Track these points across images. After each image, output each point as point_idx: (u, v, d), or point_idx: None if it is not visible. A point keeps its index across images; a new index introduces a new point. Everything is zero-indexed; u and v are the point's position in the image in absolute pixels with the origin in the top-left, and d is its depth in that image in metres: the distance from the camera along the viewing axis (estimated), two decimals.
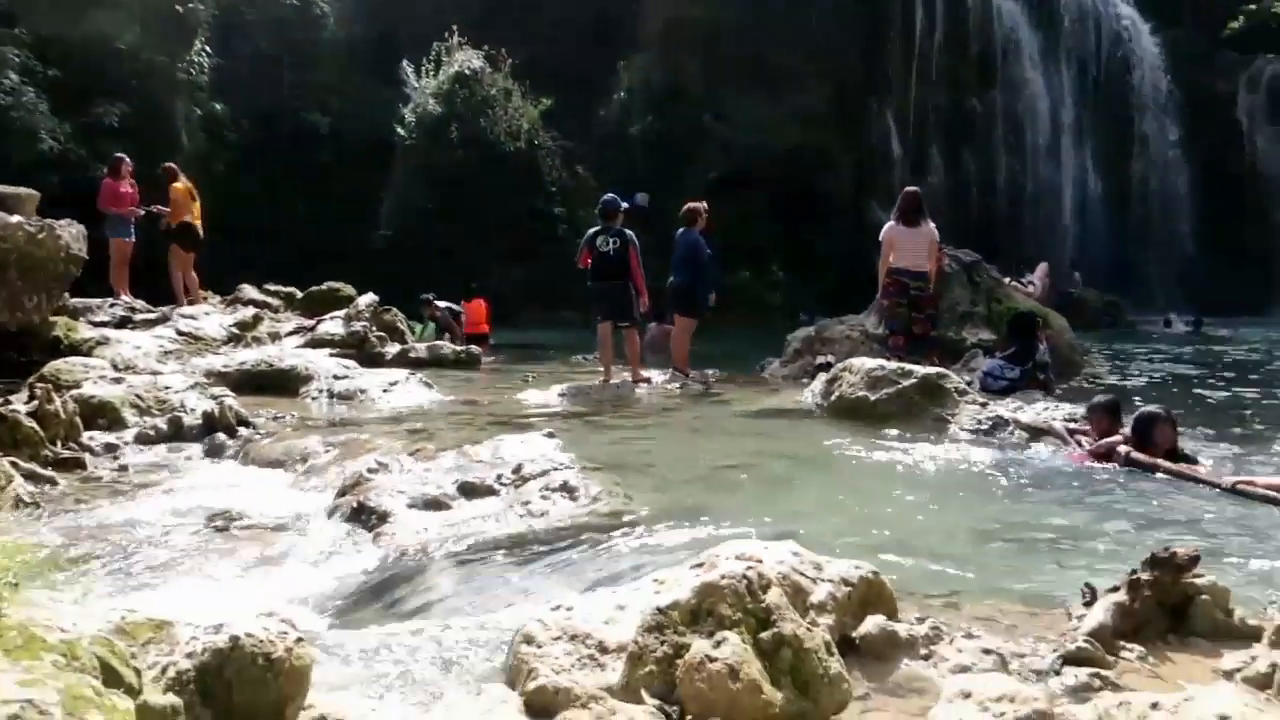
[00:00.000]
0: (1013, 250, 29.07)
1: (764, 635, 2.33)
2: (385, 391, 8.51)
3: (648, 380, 9.65)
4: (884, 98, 28.53)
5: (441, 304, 15.86)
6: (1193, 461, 5.79)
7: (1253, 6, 32.73)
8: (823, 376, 8.04)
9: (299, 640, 2.05)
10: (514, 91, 26.61)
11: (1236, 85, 29.95)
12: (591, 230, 9.69)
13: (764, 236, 25.79)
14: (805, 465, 5.80)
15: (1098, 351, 13.45)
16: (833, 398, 7.56)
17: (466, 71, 26.22)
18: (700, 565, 2.90)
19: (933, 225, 9.24)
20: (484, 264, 22.30)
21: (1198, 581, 2.99)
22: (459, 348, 12.46)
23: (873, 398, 7.18)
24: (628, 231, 9.44)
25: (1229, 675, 2.69)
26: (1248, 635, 2.90)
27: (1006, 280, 11.58)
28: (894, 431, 6.61)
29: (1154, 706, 2.41)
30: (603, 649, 2.55)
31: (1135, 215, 29.61)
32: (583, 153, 27.42)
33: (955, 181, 29.00)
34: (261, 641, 1.95)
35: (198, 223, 12.42)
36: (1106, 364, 12.69)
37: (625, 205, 9.88)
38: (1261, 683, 2.62)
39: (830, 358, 10.36)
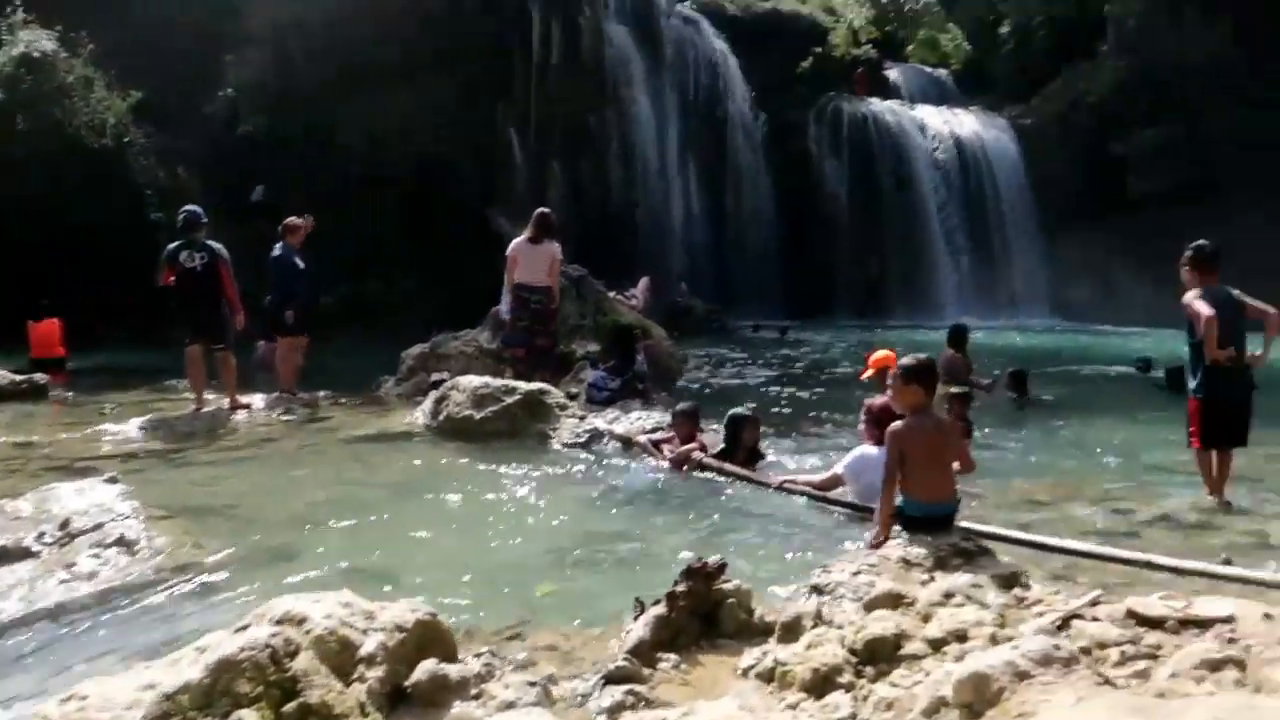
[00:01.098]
0: (629, 261, 31.23)
1: (288, 707, 2.23)
2: None
3: (246, 407, 9.00)
4: (509, 107, 29.10)
5: None
6: (762, 457, 6.54)
7: (819, 49, 37.92)
8: (432, 395, 8.01)
9: None
10: (96, 81, 23.56)
11: (808, 117, 34.42)
12: (173, 244, 8.83)
13: (393, 243, 25.22)
14: (404, 494, 5.72)
15: (699, 358, 14.81)
16: (441, 417, 7.56)
17: (35, 55, 22.75)
18: (245, 628, 2.71)
19: (556, 245, 9.58)
20: (62, 275, 19.49)
21: (725, 587, 3.36)
22: (19, 376, 10.75)
23: (478, 416, 7.28)
24: (215, 245, 8.73)
25: (745, 673, 3.04)
26: (765, 631, 3.31)
27: (612, 294, 12.32)
28: (498, 450, 6.76)
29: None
30: None
31: (732, 230, 32.94)
32: (188, 152, 24.98)
33: (574, 194, 30.34)
34: None
35: None
36: (705, 369, 14.01)
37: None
38: (769, 676, 3.00)
39: (445, 375, 10.34)
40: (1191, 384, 5.43)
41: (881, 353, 7.99)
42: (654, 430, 7.12)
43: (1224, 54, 32.60)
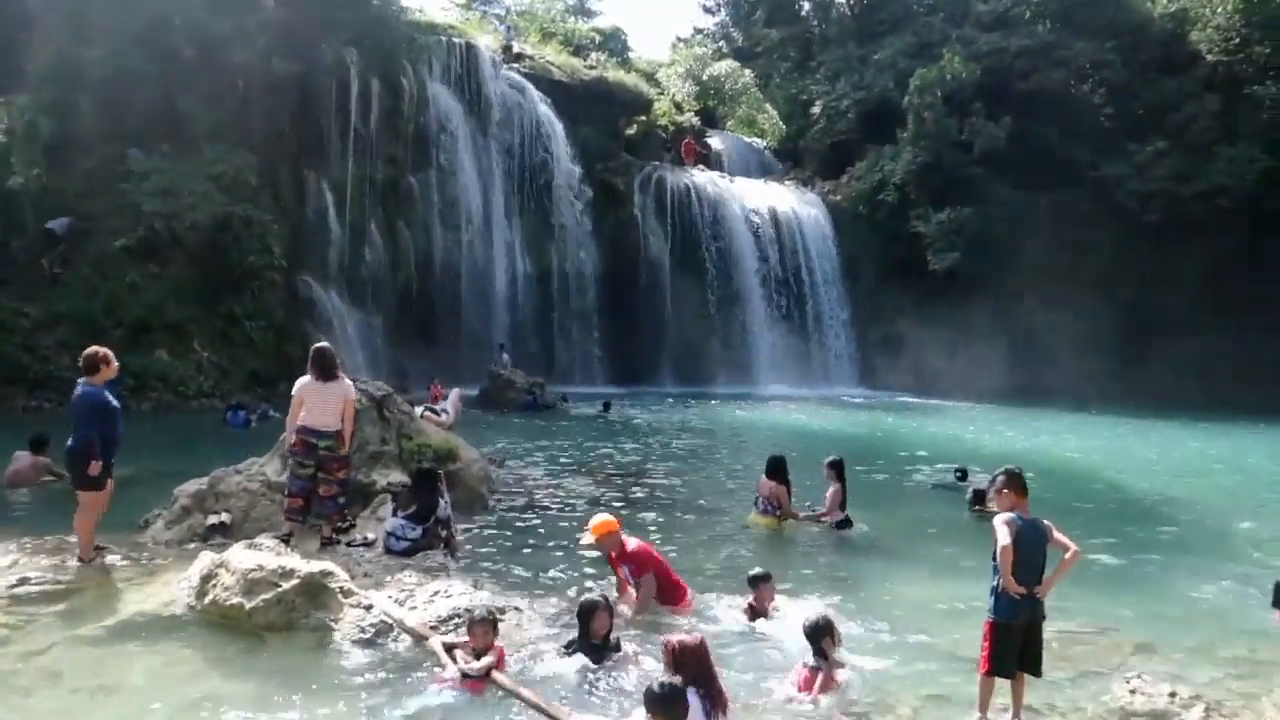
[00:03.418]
0: (451, 326, 30.34)
1: None
2: None
3: None
4: (321, 169, 27.76)
5: None
6: (616, 650, 6.01)
7: (643, 118, 38.62)
8: (199, 567, 7.09)
9: None
10: None
11: (633, 184, 34.83)
12: None
13: (185, 312, 23.31)
14: None
15: (511, 468, 14.12)
16: (207, 600, 6.68)
17: None
18: None
19: (349, 384, 8.78)
20: None
21: None
22: None
23: (249, 605, 6.46)
24: None
25: None
26: None
27: (419, 411, 11.63)
28: (268, 658, 5.98)
29: None
30: None
31: (558, 294, 32.69)
32: None
33: (394, 258, 29.31)
34: None
35: None
36: (524, 477, 13.33)
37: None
38: None
39: (225, 517, 9.32)
40: (990, 602, 5.43)
41: (602, 518, 7.62)
42: (455, 618, 6.53)
43: (1003, 146, 35.57)
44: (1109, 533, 11.09)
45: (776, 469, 10.85)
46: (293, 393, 8.51)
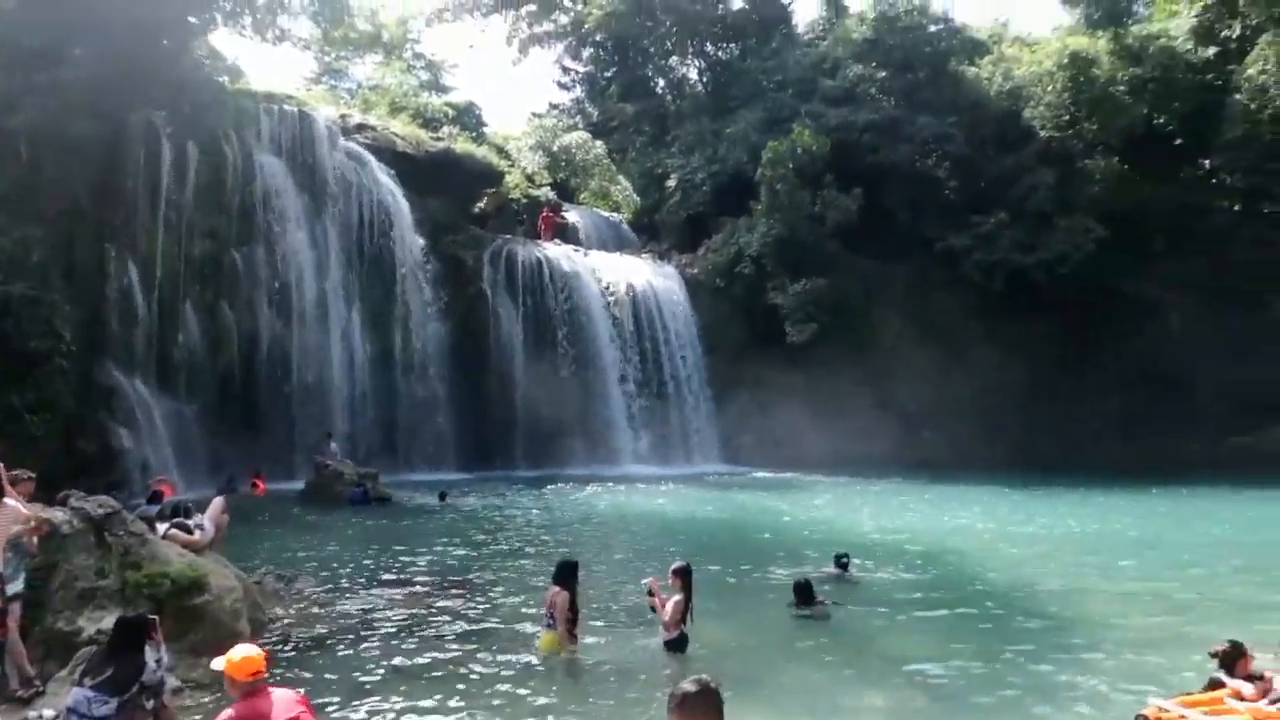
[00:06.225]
0: (281, 414, 27.65)
1: None
2: None
3: None
4: (127, 244, 25.06)
5: None
6: None
7: (493, 190, 37.32)
8: None
9: None
10: None
11: (482, 259, 33.22)
12: None
13: None
14: None
15: (303, 586, 12.02)
16: None
17: None
18: None
19: (13, 503, 6.81)
20: None
21: None
22: None
23: None
24: None
25: None
26: None
27: (164, 528, 9.47)
28: None
29: None
30: None
31: (401, 376, 30.51)
32: None
33: (214, 340, 26.68)
34: None
35: None
36: (301, 621, 10.91)
37: None
38: None
39: None
40: None
41: (243, 653, 5.35)
42: None
43: (856, 218, 35.89)
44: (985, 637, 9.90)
45: (564, 575, 9.24)
46: None
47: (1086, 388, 35.75)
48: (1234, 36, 35.55)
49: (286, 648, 9.27)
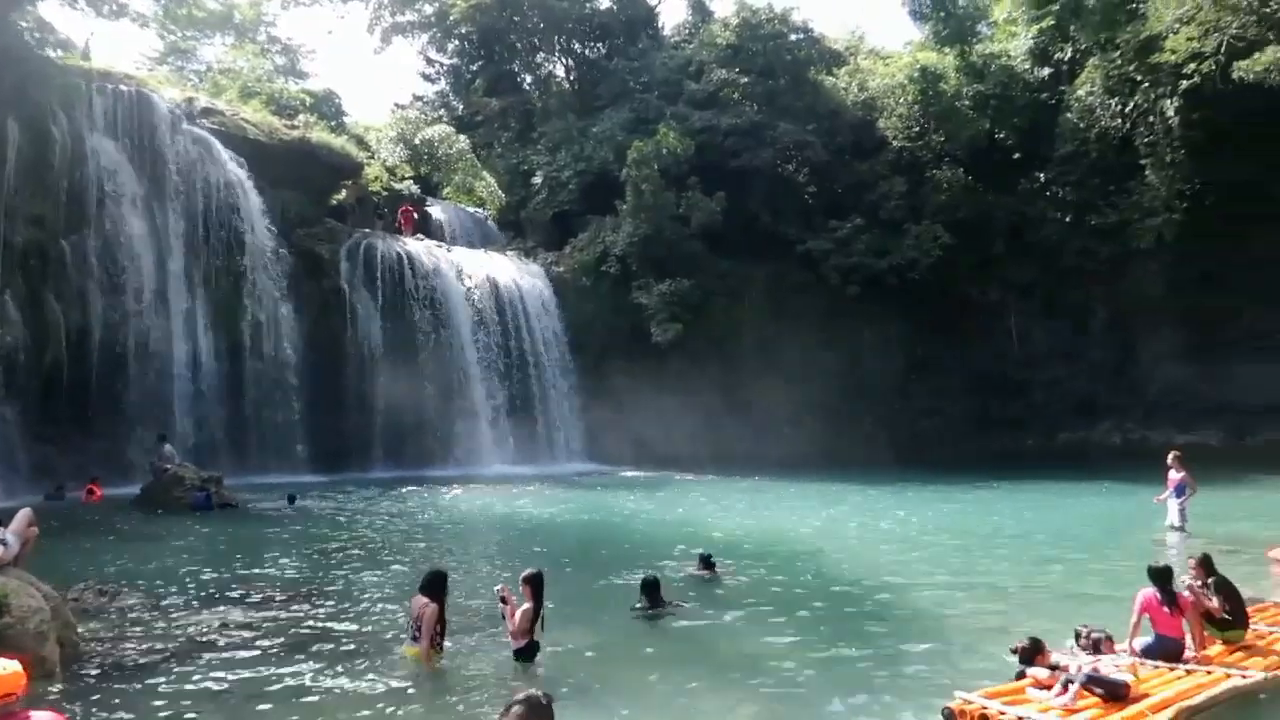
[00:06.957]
0: (116, 413, 25.80)
1: None
2: None
3: None
4: None
5: None
6: None
7: (352, 182, 36.04)
8: None
9: None
10: None
11: (339, 253, 31.98)
12: None
13: None
14: None
15: (124, 603, 11.13)
16: None
17: None
18: None
19: None
20: None
21: None
22: None
23: None
24: None
25: None
26: None
27: None
28: None
29: None
30: None
31: (250, 373, 29.02)
32: None
33: (38, 335, 24.68)
34: None
35: None
36: (121, 640, 9.92)
37: None
38: None
39: None
40: None
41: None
42: None
43: (719, 220, 36.50)
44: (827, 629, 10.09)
45: (433, 586, 8.93)
46: None
47: (937, 387, 37.56)
48: (1065, 59, 38.01)
49: (96, 672, 8.55)
